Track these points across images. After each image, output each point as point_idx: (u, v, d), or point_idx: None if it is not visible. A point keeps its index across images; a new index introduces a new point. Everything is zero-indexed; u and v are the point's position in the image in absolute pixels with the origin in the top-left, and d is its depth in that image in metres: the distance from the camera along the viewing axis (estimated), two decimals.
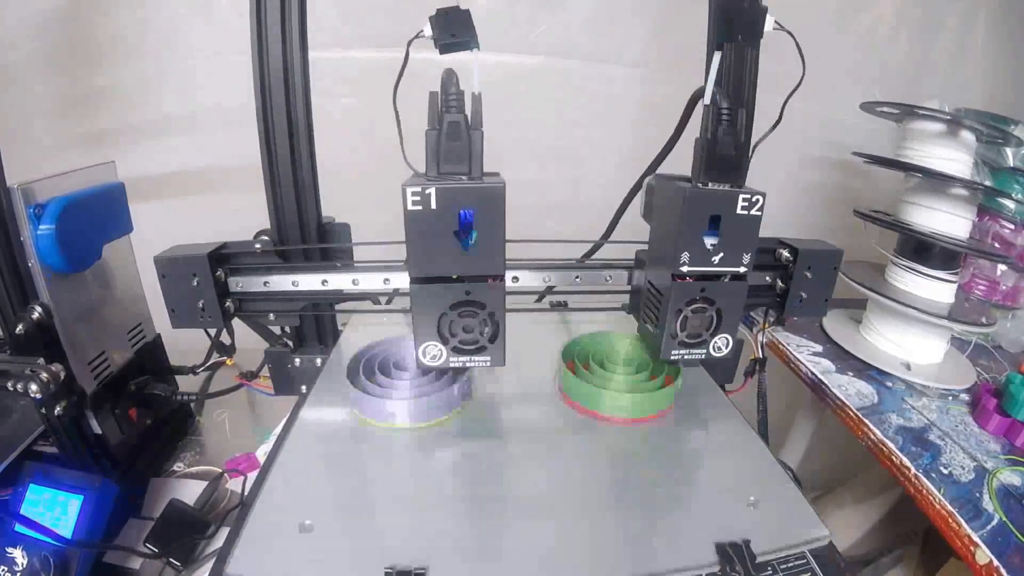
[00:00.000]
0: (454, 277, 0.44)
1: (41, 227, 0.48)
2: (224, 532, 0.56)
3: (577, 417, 0.52)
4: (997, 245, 0.86)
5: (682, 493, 0.44)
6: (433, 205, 0.41)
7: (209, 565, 0.40)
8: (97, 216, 0.56)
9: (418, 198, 0.40)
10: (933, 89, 1.01)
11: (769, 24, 0.43)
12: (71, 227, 0.50)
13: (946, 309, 0.74)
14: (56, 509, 0.52)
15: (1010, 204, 0.84)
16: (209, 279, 0.50)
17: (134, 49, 0.94)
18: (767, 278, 0.59)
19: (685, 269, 0.45)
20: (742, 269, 0.46)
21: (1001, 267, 0.88)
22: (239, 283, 0.54)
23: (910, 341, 0.78)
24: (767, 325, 0.63)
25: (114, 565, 0.54)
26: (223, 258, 0.53)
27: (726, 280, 0.47)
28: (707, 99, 0.44)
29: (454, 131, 0.41)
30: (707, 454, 0.49)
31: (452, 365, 0.47)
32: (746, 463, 0.47)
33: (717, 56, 0.44)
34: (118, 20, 0.92)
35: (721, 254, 0.45)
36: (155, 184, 0.98)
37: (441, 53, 0.44)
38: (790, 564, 0.37)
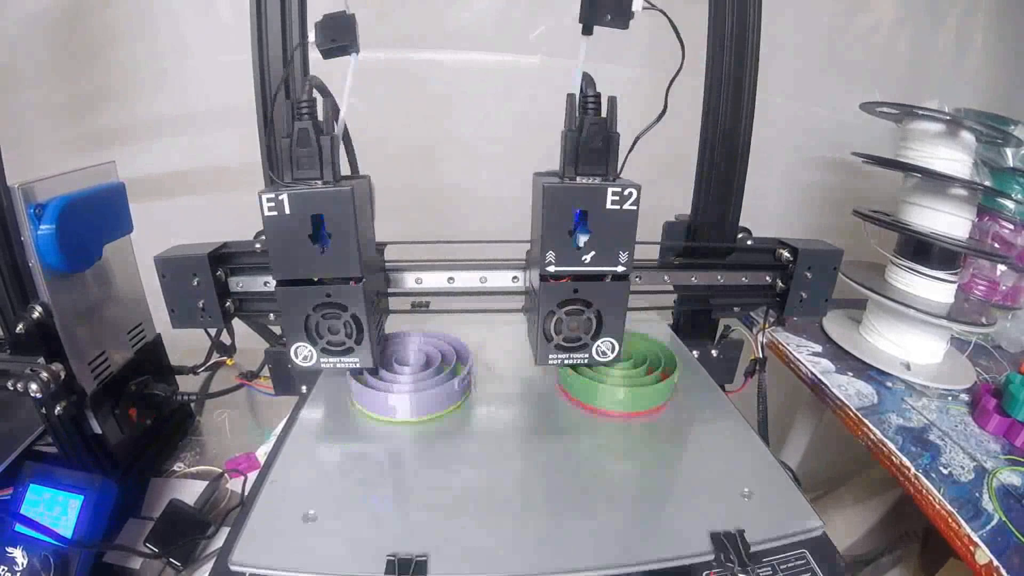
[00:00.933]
0: (315, 280, 0.45)
1: (41, 227, 0.48)
2: (224, 532, 0.56)
3: (575, 411, 0.52)
4: (997, 245, 0.86)
5: (678, 485, 0.44)
6: (287, 210, 0.42)
7: (209, 565, 0.40)
8: (97, 216, 0.56)
9: (273, 204, 0.41)
10: (933, 89, 1.01)
11: (637, 4, 0.41)
12: (71, 227, 0.50)
13: (946, 309, 0.74)
14: (56, 509, 0.52)
15: (1010, 204, 0.84)
16: (209, 279, 0.50)
17: (134, 49, 0.94)
18: (767, 278, 0.59)
19: (552, 269, 0.44)
20: (620, 268, 0.45)
21: (1001, 267, 0.88)
22: (239, 283, 0.54)
23: (910, 341, 0.78)
24: (767, 325, 0.63)
25: (114, 565, 0.54)
26: (223, 258, 0.53)
27: (607, 280, 0.46)
28: (576, 87, 0.43)
29: (303, 137, 0.42)
30: (702, 447, 0.49)
31: (323, 366, 0.48)
32: (741, 456, 0.47)
33: (585, 41, 0.43)
34: (118, 20, 0.92)
35: (592, 252, 0.44)
36: (155, 184, 0.98)
37: (324, 58, 0.45)
38: (789, 564, 0.38)
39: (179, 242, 0.53)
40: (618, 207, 0.42)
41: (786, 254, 0.57)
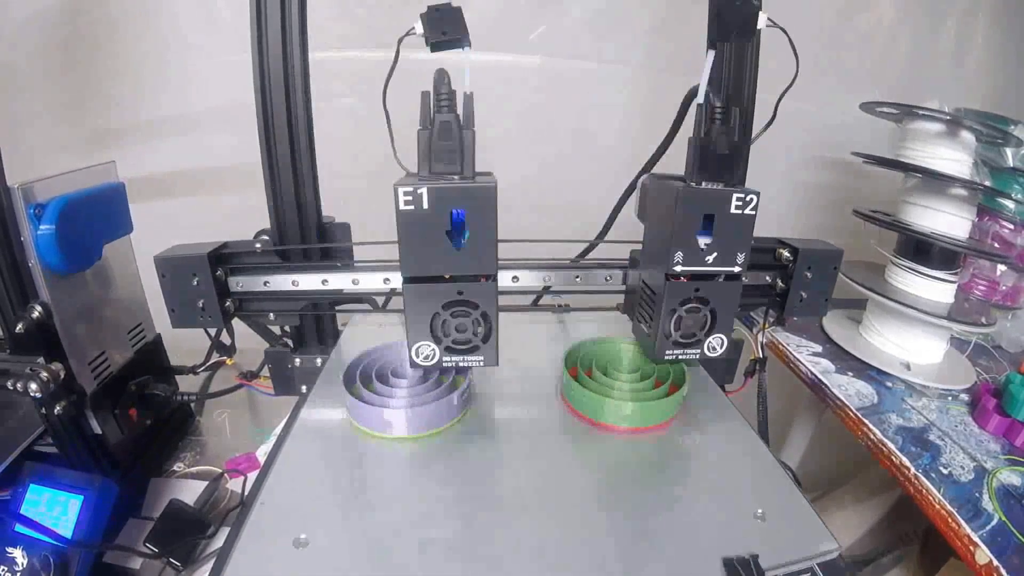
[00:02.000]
0: (446, 277, 0.44)
1: (41, 227, 0.48)
2: (224, 532, 0.56)
3: (579, 427, 0.50)
4: (997, 245, 0.86)
5: (688, 506, 0.42)
6: (425, 205, 0.41)
7: (209, 565, 0.40)
8: (97, 216, 0.56)
9: (410, 198, 0.40)
10: (933, 89, 1.01)
11: (762, 21, 0.43)
12: (71, 227, 0.50)
13: (946, 309, 0.74)
14: (56, 509, 0.52)
15: (1010, 204, 0.84)
16: (209, 279, 0.50)
17: (134, 49, 0.94)
18: (767, 278, 0.59)
19: (679, 269, 0.45)
20: (736, 269, 0.46)
21: (1001, 267, 0.88)
22: (239, 283, 0.54)
23: (910, 341, 0.78)
24: (767, 325, 0.63)
25: (114, 565, 0.54)
26: (223, 258, 0.53)
27: (720, 280, 0.47)
28: (700, 98, 0.44)
29: (445, 131, 0.41)
30: (713, 465, 0.47)
31: (445, 365, 0.47)
32: (752, 474, 0.46)
33: (711, 55, 0.44)
34: (118, 20, 0.92)
35: (715, 254, 0.45)
36: (155, 184, 0.98)
37: (432, 51, 0.44)
38: None
39: (179, 242, 0.53)
40: (740, 212, 0.44)
41: (786, 254, 0.57)
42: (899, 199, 0.79)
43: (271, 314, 0.57)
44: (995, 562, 0.47)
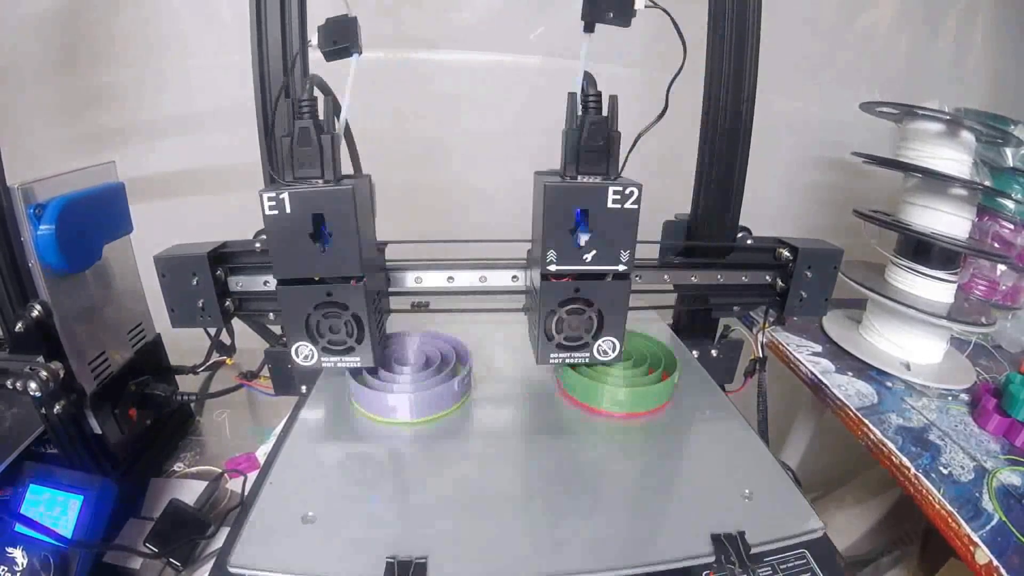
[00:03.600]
0: (316, 279, 0.45)
1: (41, 227, 0.48)
2: (224, 532, 0.56)
3: (575, 412, 0.52)
4: (997, 245, 0.86)
5: (679, 486, 0.44)
6: (288, 209, 0.42)
7: (209, 565, 0.40)
8: (97, 216, 0.56)
9: (274, 203, 0.41)
10: (933, 89, 1.01)
11: (640, 2, 0.42)
12: (71, 227, 0.50)
13: (946, 309, 0.74)
14: (56, 509, 0.52)
15: (1010, 204, 0.84)
16: (209, 278, 0.50)
17: (134, 49, 0.94)
18: (767, 277, 0.59)
19: (553, 268, 0.44)
20: (621, 267, 0.44)
21: (1001, 267, 0.88)
22: (239, 282, 0.54)
23: (910, 341, 0.78)
24: (767, 325, 0.63)
25: (114, 565, 0.54)
26: (223, 257, 0.53)
27: (608, 279, 0.46)
28: (578, 86, 0.43)
29: (304, 136, 0.42)
30: (703, 448, 0.49)
31: (324, 365, 0.48)
32: (741, 457, 0.47)
33: (587, 40, 0.43)
34: (118, 20, 0.92)
35: (593, 251, 0.44)
36: (155, 184, 0.98)
37: (326, 60, 0.45)
38: (789, 564, 0.37)
39: (179, 242, 0.53)
40: (619, 206, 0.42)
41: (786, 253, 0.57)
42: (899, 199, 0.79)
43: (271, 314, 0.57)
44: (995, 562, 0.47)
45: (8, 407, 0.58)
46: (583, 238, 0.43)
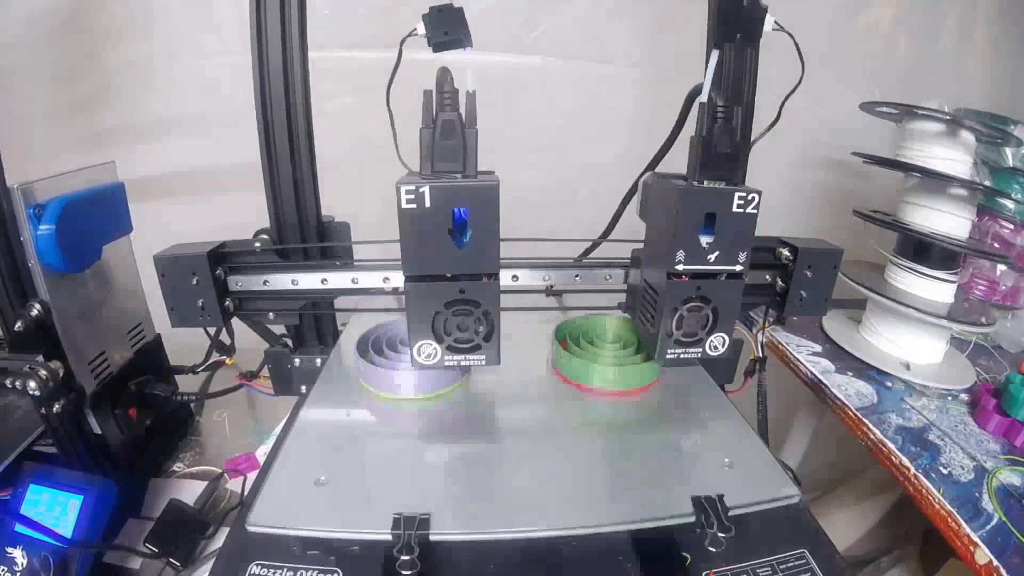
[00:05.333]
0: (448, 275, 0.44)
1: (41, 227, 0.48)
2: (224, 532, 0.56)
3: (569, 391, 0.55)
4: (997, 245, 0.86)
5: (663, 455, 0.47)
6: (427, 203, 0.41)
7: (209, 565, 0.40)
8: (97, 216, 0.56)
9: (412, 196, 0.41)
10: (933, 89, 1.01)
11: (769, 24, 0.43)
12: (71, 227, 0.50)
13: (945, 309, 0.74)
14: (56, 509, 0.52)
15: (1010, 204, 0.84)
16: (208, 278, 0.50)
17: (134, 49, 0.94)
18: (767, 277, 0.59)
19: (680, 268, 0.45)
20: (738, 267, 0.46)
21: (1001, 267, 0.88)
22: (239, 282, 0.54)
23: (910, 341, 0.78)
24: (767, 325, 0.63)
25: (114, 565, 0.54)
26: (222, 257, 0.53)
27: (722, 279, 0.47)
28: (704, 97, 0.44)
29: (449, 129, 0.41)
30: (686, 423, 0.52)
31: (447, 364, 0.48)
32: (723, 430, 0.51)
33: (715, 55, 0.44)
34: (118, 20, 0.92)
35: (716, 252, 0.45)
36: (155, 184, 0.98)
37: (434, 51, 0.44)
38: (790, 564, 0.38)
39: (179, 242, 0.53)
40: (742, 210, 0.44)
41: (786, 253, 0.57)
42: (899, 199, 0.79)
43: (271, 313, 0.57)
44: (995, 562, 0.48)
45: (8, 407, 0.58)
46: (705, 240, 0.45)
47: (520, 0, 0.97)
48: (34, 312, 0.50)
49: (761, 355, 0.65)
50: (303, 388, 0.63)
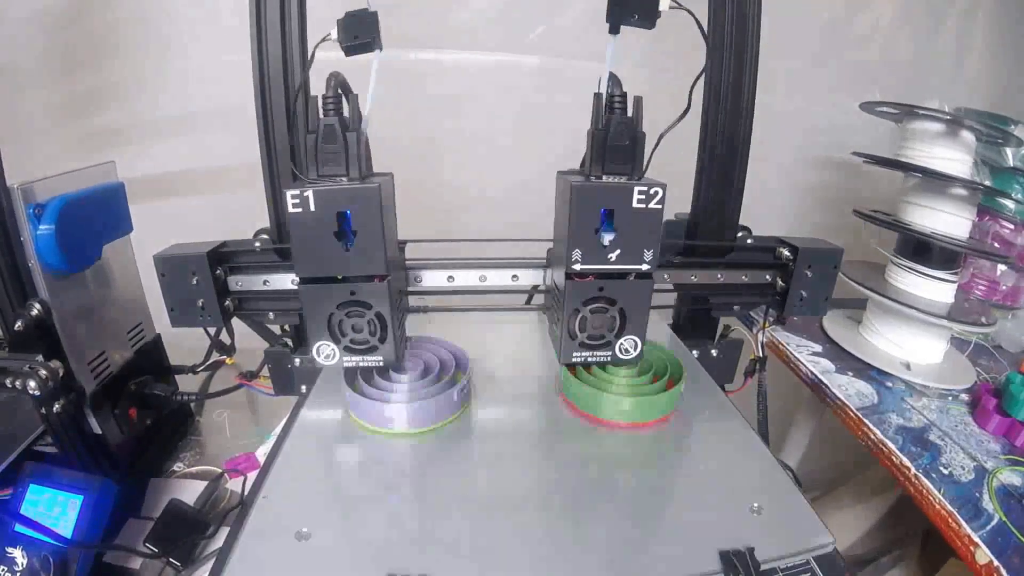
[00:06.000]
0: (339, 277, 0.44)
1: (41, 227, 0.48)
2: (224, 532, 0.56)
3: (578, 423, 0.51)
4: (997, 245, 0.86)
5: (685, 500, 0.43)
6: (312, 207, 0.41)
7: (209, 565, 0.40)
8: (97, 216, 0.56)
9: (298, 201, 0.41)
10: (933, 89, 1.01)
11: (664, 4, 0.42)
12: (71, 227, 0.50)
13: (946, 309, 0.74)
14: (56, 509, 0.51)
15: (1010, 204, 0.84)
16: (208, 278, 0.50)
17: (134, 49, 0.94)
18: (767, 277, 0.59)
19: (578, 267, 0.44)
20: (644, 266, 0.44)
21: (1001, 267, 0.88)
22: (239, 282, 0.54)
23: (910, 341, 0.78)
24: (767, 324, 0.63)
25: (114, 565, 0.54)
26: (222, 257, 0.53)
27: (631, 279, 0.45)
28: (602, 86, 0.43)
29: (330, 134, 0.42)
30: (710, 460, 0.47)
31: (346, 364, 0.48)
32: (749, 469, 0.46)
33: (613, 40, 0.43)
34: (118, 20, 0.92)
35: (618, 251, 0.44)
36: (155, 184, 0.98)
37: (346, 55, 0.44)
38: (790, 564, 0.37)
39: (179, 242, 0.53)
40: (644, 206, 0.42)
41: (786, 252, 0.57)
42: (899, 199, 0.79)
43: (271, 313, 0.57)
44: (995, 562, 0.47)
45: (8, 407, 0.58)
46: (607, 237, 0.43)
47: (520, 0, 0.97)
48: (34, 312, 0.50)
49: (761, 355, 0.65)
50: (303, 388, 0.63)
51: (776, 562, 0.37)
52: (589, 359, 0.49)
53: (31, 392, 0.48)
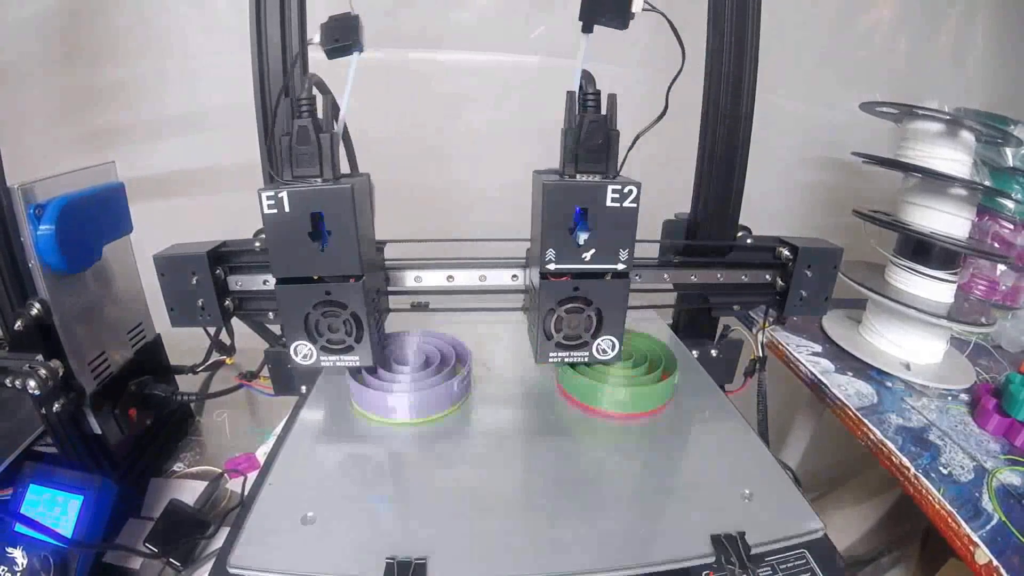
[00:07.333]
0: (315, 278, 0.45)
1: (41, 227, 0.48)
2: (224, 532, 0.56)
3: (575, 413, 0.52)
4: (997, 245, 0.86)
5: (678, 487, 0.44)
6: (287, 208, 0.42)
7: (209, 565, 0.40)
8: (97, 216, 0.56)
9: (272, 202, 0.42)
10: (933, 89, 1.01)
11: (637, 5, 0.42)
12: (71, 227, 0.50)
13: (945, 309, 0.74)
14: (56, 509, 0.52)
15: (1010, 204, 0.84)
16: (208, 278, 0.50)
17: (134, 49, 0.94)
18: (767, 276, 0.59)
19: (552, 267, 0.44)
20: (620, 266, 0.44)
21: (1001, 267, 0.88)
22: (238, 282, 0.54)
23: (910, 341, 0.78)
24: (767, 324, 0.63)
25: (114, 565, 0.54)
26: (222, 256, 0.53)
27: (607, 278, 0.45)
28: (575, 84, 0.43)
29: (303, 135, 0.42)
30: (703, 448, 0.49)
31: (323, 364, 0.48)
32: (741, 457, 0.47)
33: (585, 39, 0.43)
34: (118, 20, 0.92)
35: (593, 250, 0.44)
36: (155, 184, 0.98)
37: (328, 58, 0.45)
38: (789, 564, 0.37)
39: (179, 242, 0.53)
40: (618, 205, 0.42)
41: (786, 252, 0.57)
42: (899, 199, 0.79)
43: (271, 313, 0.57)
44: (995, 562, 0.47)
45: (9, 407, 0.58)
46: (582, 237, 0.43)
47: (520, 0, 0.97)
48: (34, 311, 0.50)
49: (761, 355, 0.65)
50: (303, 388, 0.62)
51: (766, 546, 0.38)
52: (566, 359, 0.49)
53: (31, 392, 0.48)
